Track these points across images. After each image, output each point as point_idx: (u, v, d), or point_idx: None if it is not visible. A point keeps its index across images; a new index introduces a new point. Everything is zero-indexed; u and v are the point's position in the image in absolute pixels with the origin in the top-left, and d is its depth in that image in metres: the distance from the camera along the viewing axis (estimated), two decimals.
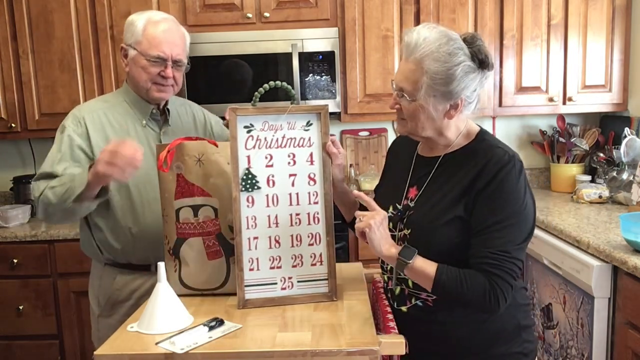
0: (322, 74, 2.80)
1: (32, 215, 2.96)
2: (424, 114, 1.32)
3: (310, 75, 2.80)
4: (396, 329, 1.27)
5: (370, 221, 1.28)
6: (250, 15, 2.81)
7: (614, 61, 2.88)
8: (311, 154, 1.46)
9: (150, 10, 1.97)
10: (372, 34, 2.84)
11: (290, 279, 1.46)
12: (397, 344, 1.20)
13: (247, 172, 1.43)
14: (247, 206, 1.44)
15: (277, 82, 1.48)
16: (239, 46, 2.78)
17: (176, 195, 1.49)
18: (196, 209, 1.49)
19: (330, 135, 1.47)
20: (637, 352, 1.82)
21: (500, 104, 2.92)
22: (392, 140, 1.72)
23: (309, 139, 1.46)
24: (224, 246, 1.50)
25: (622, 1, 2.83)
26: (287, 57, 2.77)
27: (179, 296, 1.35)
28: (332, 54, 2.79)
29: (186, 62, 1.79)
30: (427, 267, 1.27)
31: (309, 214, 1.46)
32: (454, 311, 1.34)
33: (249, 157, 1.43)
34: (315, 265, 1.46)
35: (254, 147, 1.44)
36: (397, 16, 2.84)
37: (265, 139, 1.44)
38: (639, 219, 1.92)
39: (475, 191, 1.29)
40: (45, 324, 2.71)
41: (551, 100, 2.90)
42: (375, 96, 2.87)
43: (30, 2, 2.78)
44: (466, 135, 1.39)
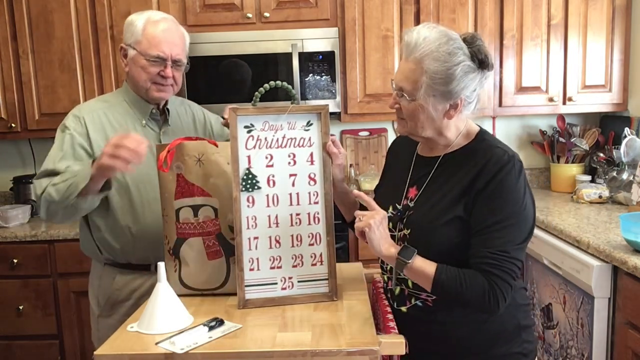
0: (322, 74, 2.79)
1: (32, 215, 2.97)
2: (423, 114, 1.32)
3: (310, 75, 2.80)
4: (396, 329, 1.27)
5: (370, 221, 1.28)
6: (250, 15, 2.81)
7: (614, 61, 2.88)
8: (311, 154, 1.46)
9: (150, 10, 1.97)
10: (372, 34, 2.84)
11: (290, 279, 1.46)
12: (397, 344, 1.20)
13: (247, 172, 1.43)
14: (248, 206, 1.44)
15: (278, 82, 1.48)
16: (239, 46, 2.78)
17: (176, 195, 1.49)
18: (196, 209, 1.49)
19: (330, 135, 1.47)
20: (637, 352, 1.82)
21: (500, 104, 2.92)
22: (392, 140, 1.72)
23: (309, 139, 1.46)
24: (224, 246, 1.49)
25: (622, 1, 2.83)
26: (287, 57, 2.76)
27: (179, 296, 1.35)
28: (332, 54, 2.79)
29: (186, 61, 1.79)
30: (426, 267, 1.27)
31: (309, 214, 1.46)
32: (453, 311, 1.34)
33: (249, 157, 1.43)
34: (315, 265, 1.46)
35: (255, 147, 1.44)
36: (397, 16, 2.84)
37: (265, 139, 1.44)
38: (639, 219, 1.92)
39: (474, 191, 1.29)
40: (45, 324, 2.71)
41: (551, 100, 2.90)
42: (375, 96, 2.87)
43: (30, 2, 2.78)
44: (466, 135, 1.39)
